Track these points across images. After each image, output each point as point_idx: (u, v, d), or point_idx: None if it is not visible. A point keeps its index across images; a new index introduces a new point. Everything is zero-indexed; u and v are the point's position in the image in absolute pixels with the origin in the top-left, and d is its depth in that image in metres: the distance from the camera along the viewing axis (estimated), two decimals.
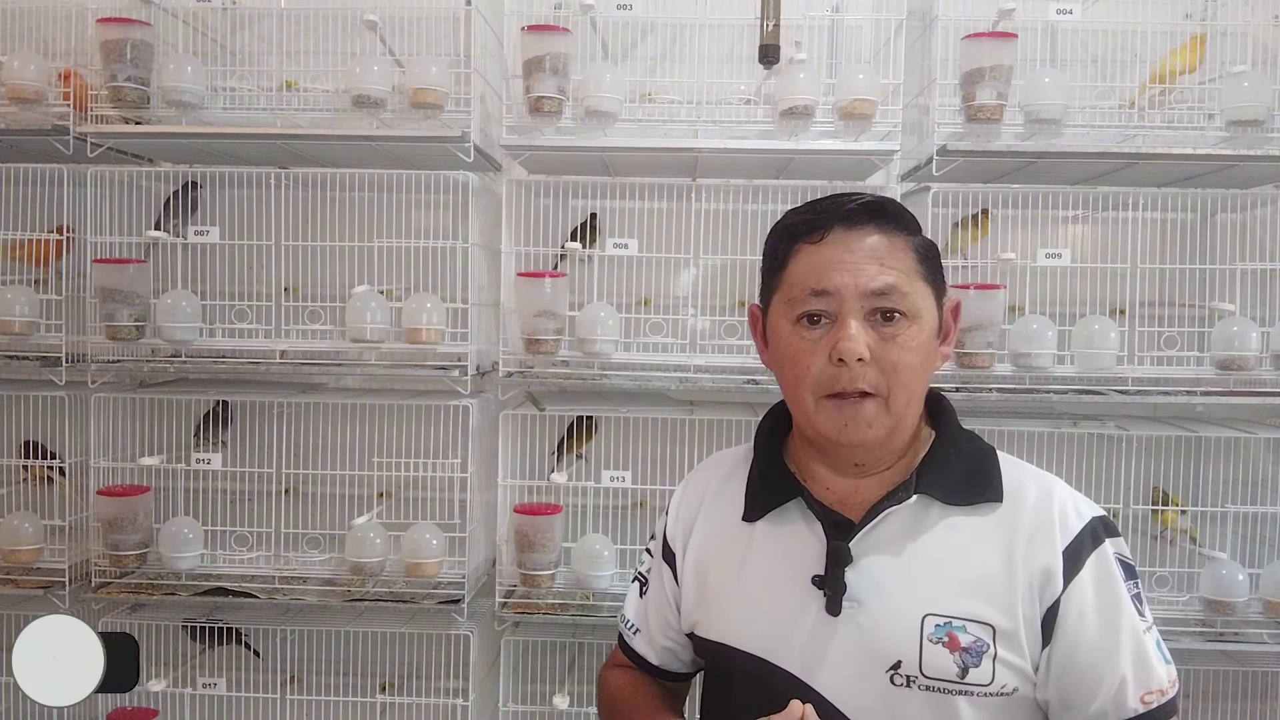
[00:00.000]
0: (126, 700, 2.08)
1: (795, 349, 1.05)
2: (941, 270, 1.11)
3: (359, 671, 2.28)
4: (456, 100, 1.95)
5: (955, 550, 1.05)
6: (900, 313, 1.03)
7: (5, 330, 1.99)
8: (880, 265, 1.03)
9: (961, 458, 1.10)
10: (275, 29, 2.07)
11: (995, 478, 1.08)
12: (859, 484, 1.10)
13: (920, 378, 1.05)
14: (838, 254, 1.04)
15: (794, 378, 1.06)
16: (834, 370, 1.02)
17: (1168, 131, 1.93)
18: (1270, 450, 2.11)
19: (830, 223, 1.05)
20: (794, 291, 1.06)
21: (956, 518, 1.06)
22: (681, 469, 2.08)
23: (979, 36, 1.84)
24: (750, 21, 1.87)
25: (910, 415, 1.07)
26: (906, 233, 1.07)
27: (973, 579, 1.03)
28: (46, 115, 1.98)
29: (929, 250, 1.09)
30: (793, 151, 1.93)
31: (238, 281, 2.19)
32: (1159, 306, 2.11)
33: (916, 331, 1.04)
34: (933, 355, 1.07)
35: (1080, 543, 1.03)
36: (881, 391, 1.02)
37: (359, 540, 1.99)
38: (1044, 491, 1.07)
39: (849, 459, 1.09)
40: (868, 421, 1.03)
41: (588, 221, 2.17)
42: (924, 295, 1.06)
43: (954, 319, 1.13)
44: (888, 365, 1.02)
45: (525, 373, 2.01)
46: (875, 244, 1.04)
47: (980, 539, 1.05)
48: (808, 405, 1.06)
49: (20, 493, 2.17)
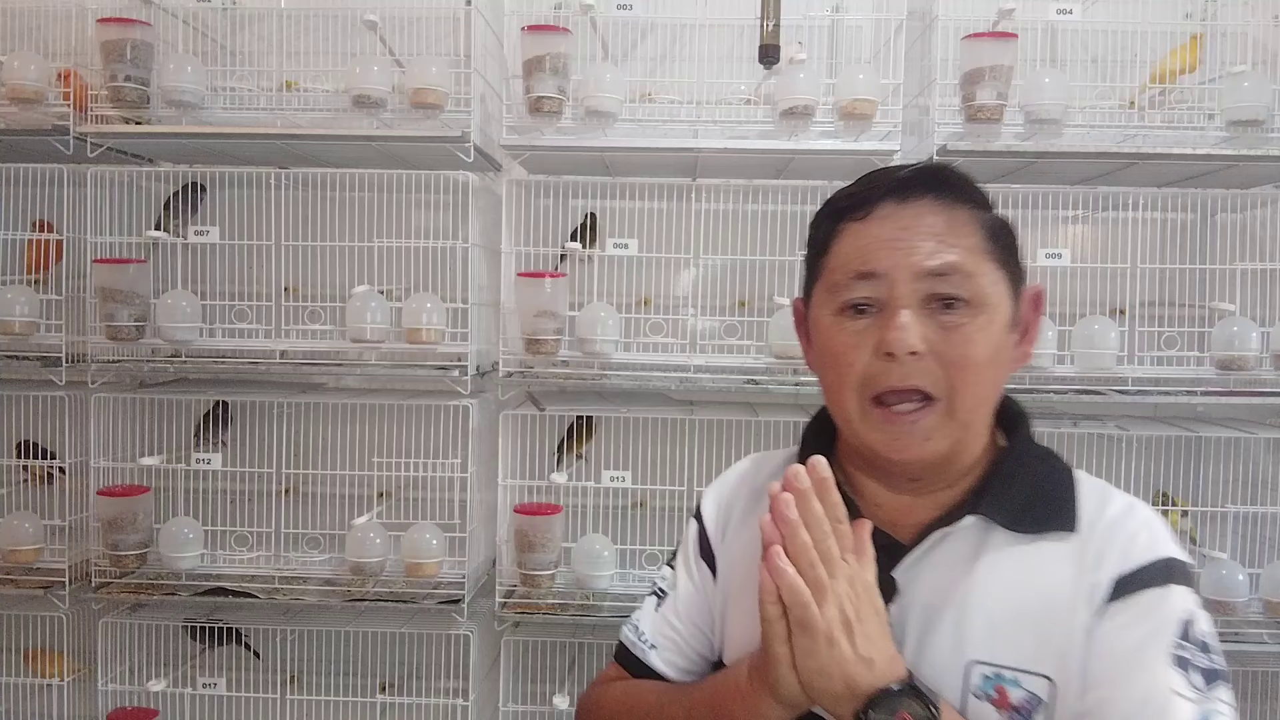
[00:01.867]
0: (126, 700, 2.09)
1: (837, 343, 0.89)
2: (1017, 251, 0.92)
3: (359, 671, 2.29)
4: (456, 100, 1.95)
5: (1014, 585, 0.86)
6: (963, 299, 0.85)
7: (5, 330, 1.99)
8: (939, 241, 0.86)
9: (1031, 476, 0.91)
10: (275, 29, 2.07)
11: (1068, 502, 0.90)
12: (915, 502, 0.93)
13: (990, 378, 0.87)
14: (887, 230, 0.87)
15: (836, 377, 0.90)
16: (882, 365, 0.85)
17: (1168, 131, 1.94)
18: (1270, 450, 2.11)
19: (879, 195, 0.89)
20: (836, 276, 0.90)
21: (1021, 547, 0.88)
22: (681, 469, 2.08)
23: (979, 36, 1.84)
24: (750, 21, 1.88)
25: (978, 424, 0.89)
26: (972, 205, 0.89)
27: (1031, 623, 0.85)
28: (46, 115, 1.98)
29: (1001, 228, 0.90)
30: (793, 151, 1.93)
31: (238, 281, 2.20)
32: (1159, 306, 2.11)
33: (985, 322, 0.86)
34: (1006, 353, 0.89)
35: (1137, 575, 0.84)
36: (941, 393, 0.85)
37: (359, 540, 1.99)
38: (1125, 512, 0.89)
39: (903, 475, 0.92)
40: (925, 434, 0.86)
41: (587, 221, 2.17)
42: (994, 279, 0.87)
43: (1035, 311, 0.94)
44: (949, 361, 0.84)
45: (525, 373, 2.01)
46: (933, 217, 0.87)
47: (1044, 573, 0.86)
48: (851, 411, 0.89)
49: (20, 493, 2.17)
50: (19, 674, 2.17)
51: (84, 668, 2.17)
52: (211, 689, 2.09)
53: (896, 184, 0.89)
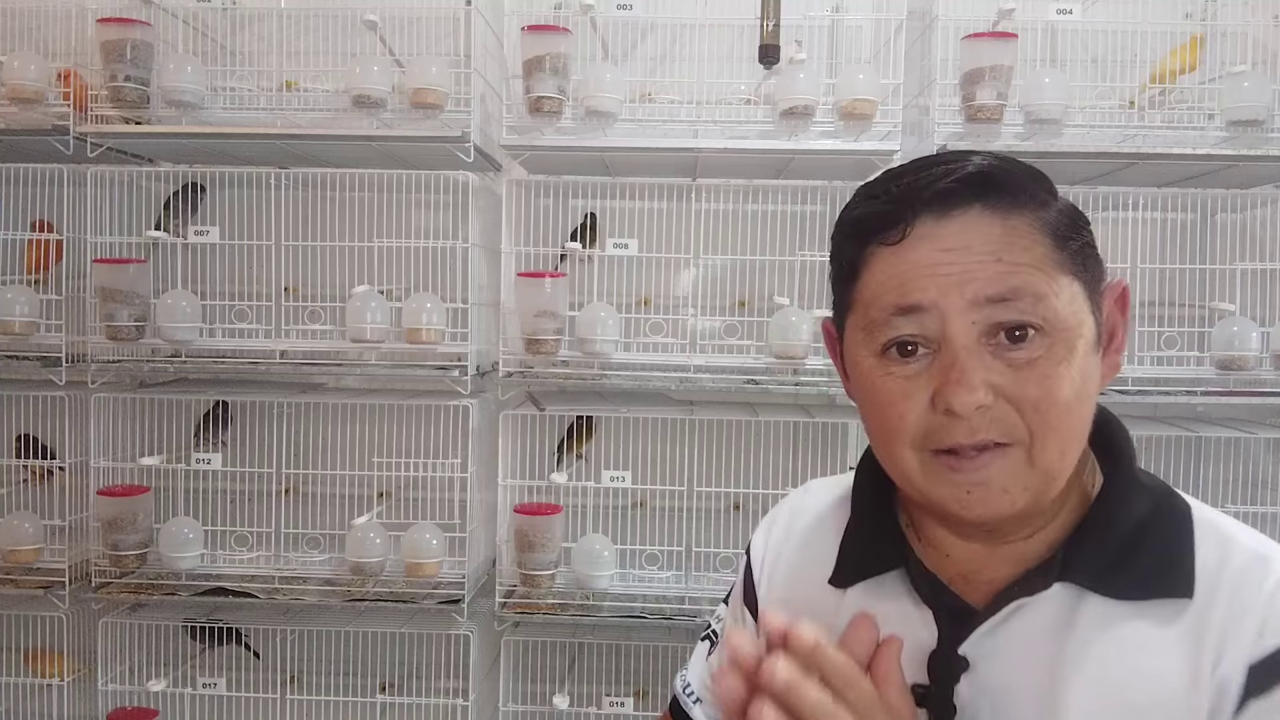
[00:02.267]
0: (126, 700, 2.09)
1: (883, 393, 0.73)
2: (1093, 245, 0.75)
3: (359, 671, 2.29)
4: (456, 100, 1.95)
5: (1114, 671, 0.70)
6: (1035, 327, 0.69)
7: (5, 330, 1.99)
8: (998, 261, 0.69)
9: (1130, 524, 0.74)
10: (275, 29, 2.07)
11: (1185, 558, 0.72)
12: (991, 553, 0.77)
13: (1078, 415, 0.71)
14: (929, 255, 0.71)
15: (884, 431, 0.74)
16: (943, 421, 0.71)
17: (1168, 131, 1.93)
18: (1270, 450, 2.11)
19: (914, 211, 0.72)
20: (873, 313, 0.74)
21: (1121, 618, 0.71)
22: (681, 469, 2.09)
23: (979, 36, 1.84)
24: (750, 21, 1.88)
25: (1067, 467, 0.72)
26: (1033, 206, 0.72)
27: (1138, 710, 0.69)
28: (46, 115, 1.98)
29: (1070, 224, 0.73)
30: (793, 151, 1.93)
31: (238, 281, 2.20)
32: (1159, 306, 2.11)
33: (1064, 351, 0.70)
34: (1094, 379, 0.73)
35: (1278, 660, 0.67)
36: (1020, 438, 0.70)
37: (359, 540, 1.99)
38: (1254, 568, 0.71)
39: (979, 528, 0.76)
40: (1003, 486, 0.71)
41: (587, 221, 2.17)
42: (1070, 295, 0.71)
43: (1122, 311, 0.78)
44: (1027, 405, 0.69)
45: (525, 373, 2.01)
46: (985, 232, 0.71)
47: (1153, 651, 0.70)
48: (909, 466, 0.74)
49: (20, 492, 2.17)
50: (19, 674, 2.17)
51: (84, 668, 2.17)
52: (211, 689, 2.09)
53: (935, 196, 0.71)
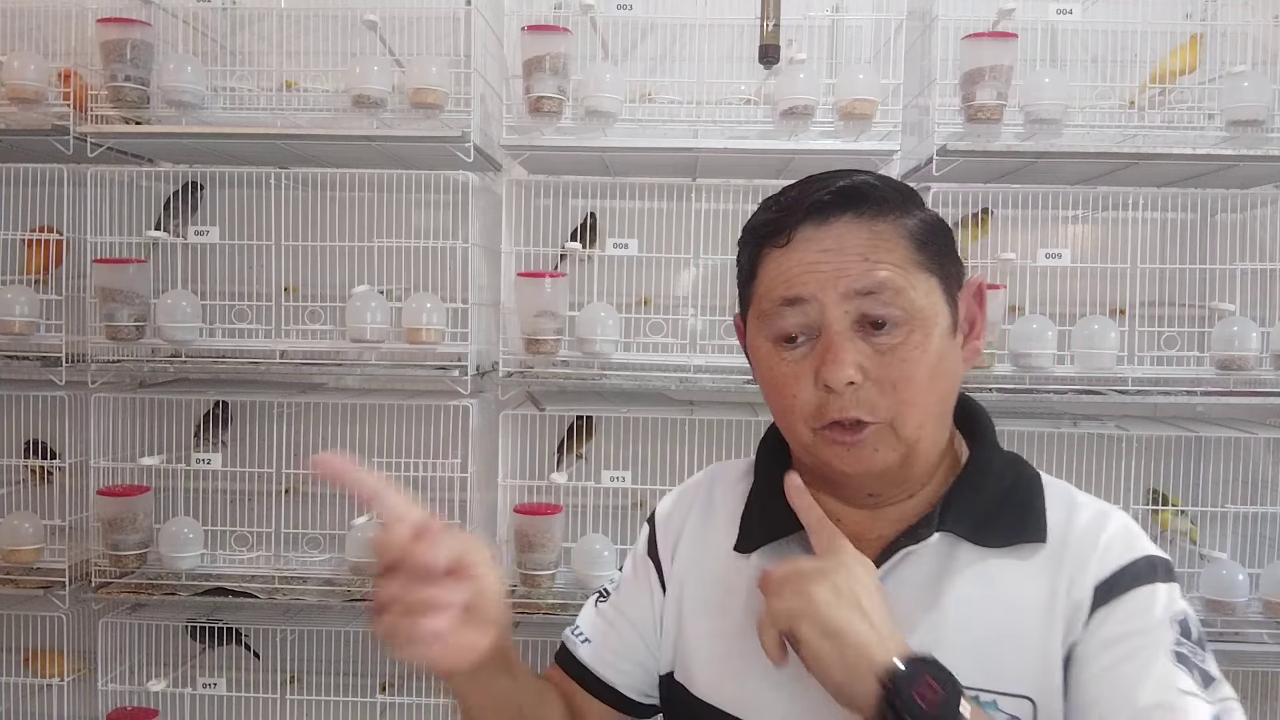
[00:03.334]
0: (126, 700, 2.09)
1: (777, 374, 0.87)
2: (951, 249, 0.89)
3: (359, 671, 2.28)
4: (456, 100, 1.95)
5: (986, 603, 0.84)
6: (894, 318, 0.83)
7: (5, 330, 1.99)
8: (864, 260, 0.83)
9: (997, 485, 0.89)
10: (275, 29, 2.08)
11: (1037, 510, 0.87)
12: (875, 516, 0.91)
13: (932, 392, 0.85)
14: (810, 255, 0.85)
15: (782, 407, 0.89)
16: (824, 395, 0.84)
17: (1168, 131, 1.94)
18: (1270, 450, 2.11)
19: (797, 220, 0.86)
20: (764, 305, 0.88)
21: (990, 561, 0.86)
22: (682, 469, 2.09)
23: (979, 36, 1.84)
24: (750, 21, 1.88)
25: (927, 437, 0.86)
26: (896, 215, 0.86)
27: (1007, 640, 0.83)
28: (46, 115, 1.98)
29: (928, 230, 0.87)
30: (793, 151, 1.93)
31: (238, 281, 2.20)
32: (1159, 306, 2.11)
33: (920, 337, 0.84)
34: (950, 360, 0.87)
35: (1118, 578, 0.82)
36: (882, 416, 0.83)
37: (359, 540, 1.99)
38: (1095, 521, 0.86)
39: (860, 489, 0.90)
40: (874, 446, 0.84)
41: (587, 221, 2.17)
42: (927, 289, 0.85)
43: (979, 304, 0.93)
44: (888, 384, 0.83)
45: (525, 373, 2.01)
46: (855, 236, 0.85)
47: (1017, 589, 0.84)
48: (803, 437, 0.87)
49: (20, 492, 2.18)
50: (19, 674, 2.17)
51: (84, 668, 2.17)
52: (211, 689, 2.09)
53: (813, 206, 0.86)
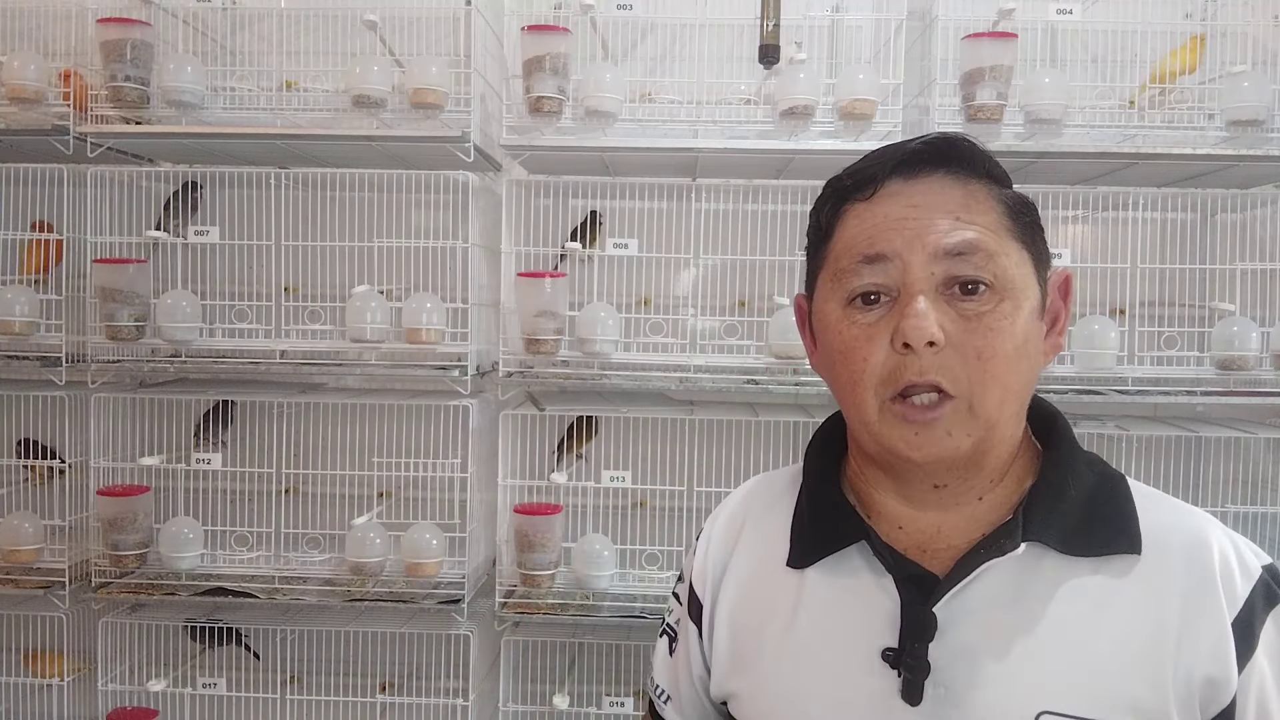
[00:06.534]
0: (126, 700, 2.09)
1: (848, 337, 0.80)
2: (1042, 230, 0.84)
3: (359, 671, 2.29)
4: (456, 100, 1.95)
5: (1081, 621, 0.77)
6: (986, 282, 0.77)
7: (5, 330, 1.99)
8: (955, 219, 0.77)
9: (1082, 490, 0.81)
10: (275, 29, 2.08)
11: (1130, 518, 0.80)
12: (942, 521, 0.83)
13: (1018, 370, 0.78)
14: (897, 209, 0.79)
15: (849, 376, 0.80)
16: (899, 359, 0.77)
17: (1168, 131, 1.93)
18: (1270, 450, 2.11)
19: (885, 172, 0.81)
20: (842, 263, 0.81)
21: (1084, 577, 0.78)
22: (681, 469, 2.08)
23: (979, 36, 1.84)
24: (750, 21, 1.88)
25: (1005, 421, 0.79)
26: (990, 179, 0.81)
27: (1107, 663, 0.75)
28: (46, 115, 1.98)
29: (1023, 206, 0.82)
30: (793, 151, 1.93)
31: (238, 281, 2.20)
32: (1159, 306, 2.11)
33: (1010, 309, 0.77)
34: (1035, 344, 0.80)
35: (1251, 609, 0.75)
36: (962, 389, 0.76)
37: (359, 540, 1.99)
38: (1196, 538, 0.79)
39: (926, 480, 0.82)
40: (946, 428, 0.77)
41: (588, 221, 2.17)
42: (1019, 260, 0.79)
43: (1064, 299, 0.86)
44: (971, 353, 0.76)
45: (525, 373, 2.01)
46: (948, 193, 0.79)
47: (1115, 605, 0.77)
48: (869, 412, 0.79)
49: (20, 492, 2.17)
50: (19, 674, 2.17)
51: (84, 668, 2.17)
52: (211, 689, 2.09)
53: (904, 158, 0.80)
